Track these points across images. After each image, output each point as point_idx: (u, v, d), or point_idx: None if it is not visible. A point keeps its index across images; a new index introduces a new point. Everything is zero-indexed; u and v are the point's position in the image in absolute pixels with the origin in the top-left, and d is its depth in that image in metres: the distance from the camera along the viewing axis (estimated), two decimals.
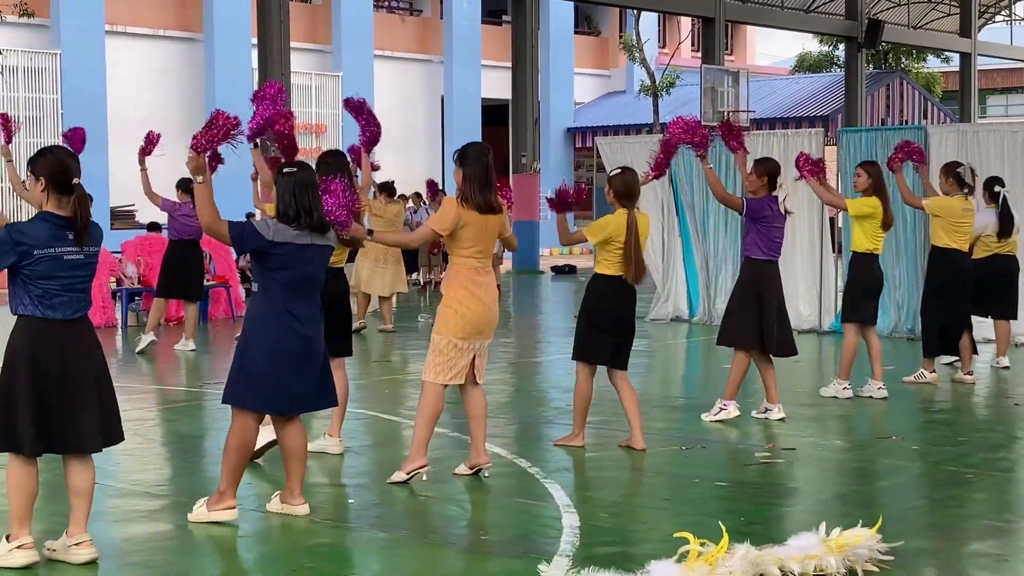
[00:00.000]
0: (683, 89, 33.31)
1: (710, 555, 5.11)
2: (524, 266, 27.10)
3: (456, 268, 7.03)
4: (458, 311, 6.98)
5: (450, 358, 7.00)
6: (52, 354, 5.36)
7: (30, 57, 27.02)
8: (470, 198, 6.95)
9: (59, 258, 5.36)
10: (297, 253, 6.12)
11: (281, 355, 6.12)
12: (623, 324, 7.94)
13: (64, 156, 5.51)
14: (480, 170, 6.98)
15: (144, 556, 5.75)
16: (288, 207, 6.14)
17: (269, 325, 6.12)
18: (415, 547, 5.93)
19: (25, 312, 5.38)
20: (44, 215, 5.43)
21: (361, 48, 32.29)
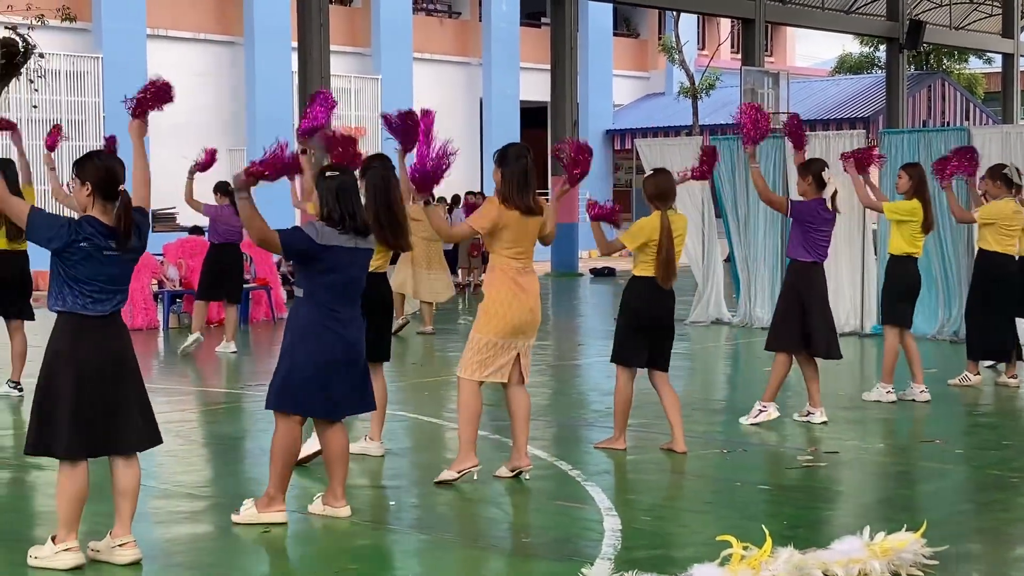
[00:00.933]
0: (722, 91, 33.21)
1: (753, 559, 5.08)
2: (563, 268, 27.08)
3: (497, 268, 7.04)
4: (498, 312, 6.99)
5: (488, 356, 7.01)
6: (93, 351, 5.39)
7: (72, 61, 27.24)
8: (510, 199, 6.95)
9: (98, 252, 5.40)
10: (344, 256, 6.15)
11: (325, 359, 6.14)
12: (662, 325, 7.92)
13: (111, 162, 5.55)
14: (519, 171, 6.98)
15: (187, 557, 5.78)
16: (332, 211, 6.17)
17: (313, 330, 6.14)
18: (456, 549, 5.93)
19: (64, 308, 5.41)
20: (88, 219, 5.47)
21: (400, 51, 32.36)
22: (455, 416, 9.12)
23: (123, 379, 5.47)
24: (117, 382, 5.44)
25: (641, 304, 7.85)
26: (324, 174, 6.29)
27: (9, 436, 9.16)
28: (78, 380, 5.35)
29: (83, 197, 5.49)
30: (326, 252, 6.10)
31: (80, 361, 5.37)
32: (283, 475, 6.22)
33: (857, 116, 33.62)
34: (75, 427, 5.36)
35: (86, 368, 5.37)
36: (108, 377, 5.41)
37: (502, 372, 7.06)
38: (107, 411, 5.41)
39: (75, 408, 5.35)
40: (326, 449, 6.35)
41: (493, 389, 7.25)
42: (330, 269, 6.12)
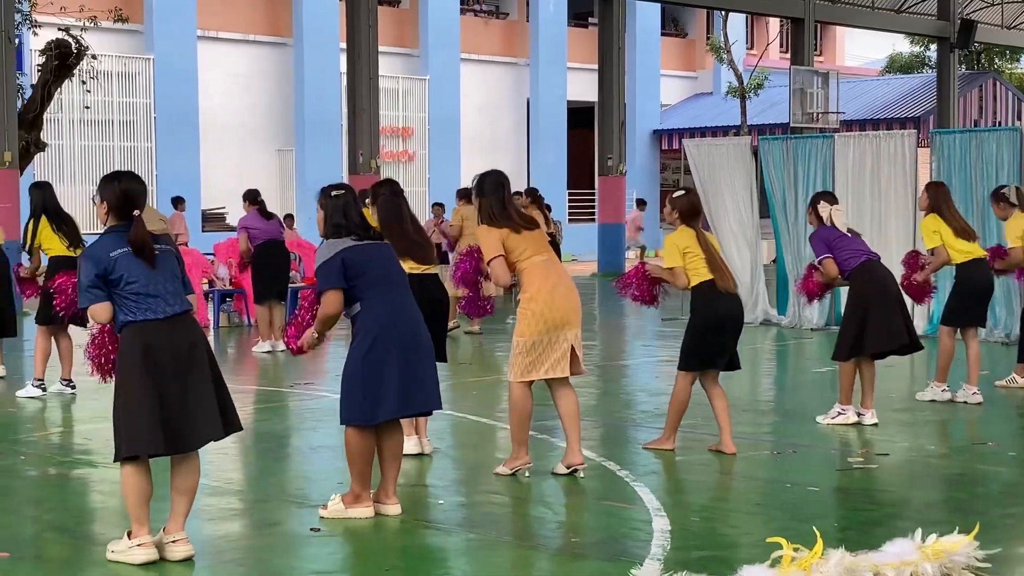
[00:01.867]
0: (771, 91, 33.05)
1: (804, 560, 5.05)
2: (609, 269, 27.02)
3: (527, 271, 7.12)
4: (536, 311, 7.03)
5: (537, 356, 7.04)
6: (165, 354, 5.46)
7: (124, 62, 27.49)
8: (495, 222, 7.13)
9: (131, 255, 5.47)
10: (363, 250, 6.27)
11: (394, 356, 6.20)
12: (736, 325, 7.91)
13: (131, 185, 5.64)
14: (496, 200, 7.16)
15: (238, 554, 5.83)
16: (340, 225, 6.31)
17: (375, 333, 6.23)
18: (505, 548, 5.94)
19: (126, 319, 5.48)
20: (109, 228, 5.62)
21: (448, 51, 32.44)
22: (504, 415, 9.15)
23: (194, 374, 5.52)
24: (188, 378, 5.50)
25: (715, 303, 7.81)
26: (331, 193, 6.41)
27: (61, 434, 9.27)
28: (149, 381, 5.42)
29: (101, 214, 5.66)
30: (350, 252, 6.21)
31: (148, 363, 5.43)
32: (363, 475, 6.29)
33: (907, 116, 33.36)
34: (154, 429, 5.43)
35: (153, 369, 5.43)
36: (178, 374, 5.47)
37: (559, 367, 7.09)
38: (180, 408, 5.47)
39: (153, 412, 5.42)
40: (381, 447, 6.39)
41: (540, 388, 7.26)
42: (361, 267, 6.22)
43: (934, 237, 9.80)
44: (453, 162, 32.11)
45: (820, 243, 8.93)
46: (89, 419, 9.32)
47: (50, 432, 9.24)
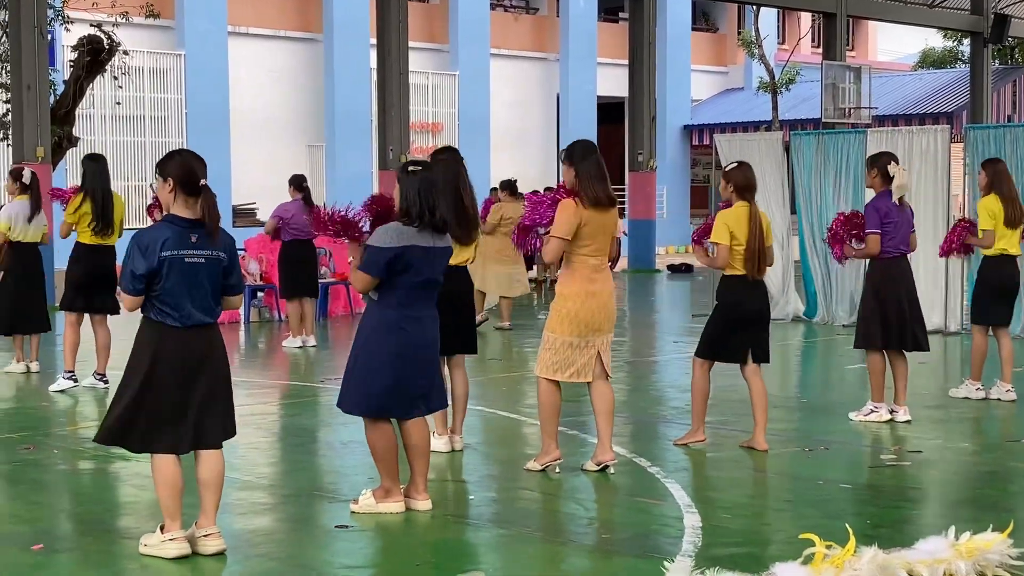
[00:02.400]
0: (803, 86, 32.89)
1: (836, 558, 5.02)
2: (640, 265, 26.98)
3: (573, 266, 7.03)
4: (571, 310, 6.98)
5: (566, 356, 7.02)
6: (175, 361, 5.48)
7: (155, 58, 27.61)
8: (587, 194, 6.93)
9: (178, 262, 5.46)
10: (421, 255, 6.16)
11: (402, 359, 6.17)
12: (760, 318, 7.87)
13: (191, 159, 5.62)
14: (593, 165, 6.98)
15: (269, 548, 5.84)
16: (412, 205, 6.17)
17: (388, 330, 6.17)
18: (536, 544, 5.93)
19: (153, 317, 5.51)
20: (168, 218, 5.55)
21: (478, 47, 32.43)
22: (534, 411, 9.14)
23: (206, 382, 5.54)
24: (199, 386, 5.52)
25: (739, 299, 7.78)
26: (407, 169, 6.28)
27: (93, 428, 9.31)
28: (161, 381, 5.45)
29: (165, 194, 5.56)
30: (409, 252, 6.12)
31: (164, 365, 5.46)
32: (390, 469, 6.29)
33: (940, 111, 33.12)
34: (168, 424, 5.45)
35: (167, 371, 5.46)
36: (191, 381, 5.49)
37: (584, 372, 7.06)
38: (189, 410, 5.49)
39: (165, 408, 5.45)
40: (408, 443, 6.38)
41: (572, 384, 7.24)
42: (406, 268, 6.13)
43: (989, 220, 9.61)
44: (483, 158, 32.10)
45: (875, 216, 8.77)
46: None
47: (82, 426, 9.29)
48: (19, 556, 5.64)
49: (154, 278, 5.44)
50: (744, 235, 7.67)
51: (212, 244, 5.54)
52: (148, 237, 5.48)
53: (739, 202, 7.75)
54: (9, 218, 11.15)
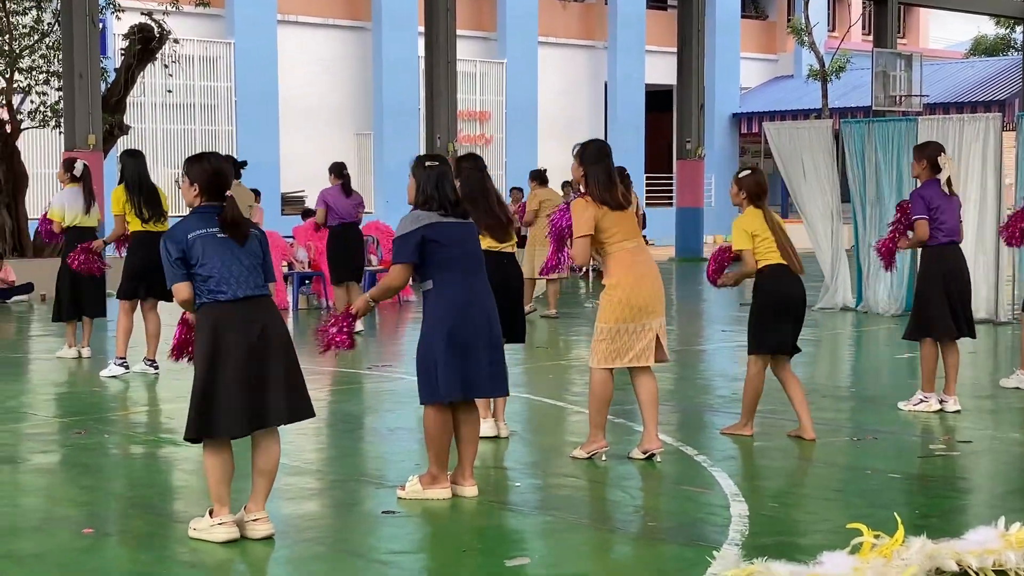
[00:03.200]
0: (853, 73, 32.64)
1: (885, 547, 4.99)
2: (687, 253, 26.91)
3: (614, 256, 7.06)
4: (622, 298, 7.00)
5: (623, 343, 7.03)
6: (236, 336, 5.49)
7: (205, 46, 27.79)
8: (596, 197, 7.01)
9: (210, 238, 5.49)
10: (447, 229, 6.24)
11: (463, 342, 6.22)
12: (800, 309, 7.83)
13: (221, 166, 5.66)
14: (602, 171, 7.06)
15: (317, 533, 5.88)
16: (431, 197, 6.27)
17: (448, 315, 6.22)
18: (582, 531, 5.93)
19: (203, 299, 5.53)
20: (195, 209, 5.64)
21: (526, 35, 32.41)
22: (579, 399, 9.15)
23: (266, 357, 5.56)
24: (260, 361, 5.53)
25: (779, 286, 7.74)
26: (424, 164, 6.37)
27: (144, 413, 9.41)
28: (222, 363, 5.48)
29: (191, 196, 5.63)
30: (432, 229, 6.19)
31: (221, 344, 5.48)
32: (441, 455, 6.32)
33: (992, 99, 32.77)
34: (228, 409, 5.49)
35: (225, 350, 5.48)
36: (251, 357, 5.51)
37: (644, 356, 7.07)
38: (252, 390, 5.51)
39: (227, 392, 5.48)
40: (459, 429, 6.41)
41: (620, 372, 7.23)
42: (441, 245, 6.20)
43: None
44: (530, 146, 32.11)
45: (921, 203, 8.72)
46: (172, 398, 9.45)
47: (133, 411, 9.38)
48: (70, 539, 5.71)
49: (191, 259, 5.47)
50: (766, 229, 7.66)
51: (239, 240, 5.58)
52: (175, 228, 5.59)
53: (749, 208, 7.75)
54: (61, 206, 11.29)
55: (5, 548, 5.58)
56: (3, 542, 5.68)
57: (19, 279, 17.90)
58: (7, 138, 19.96)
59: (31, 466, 7.41)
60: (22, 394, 10.03)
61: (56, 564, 5.36)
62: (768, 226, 7.70)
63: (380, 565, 5.37)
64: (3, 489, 6.80)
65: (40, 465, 7.46)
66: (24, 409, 9.28)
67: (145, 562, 5.40)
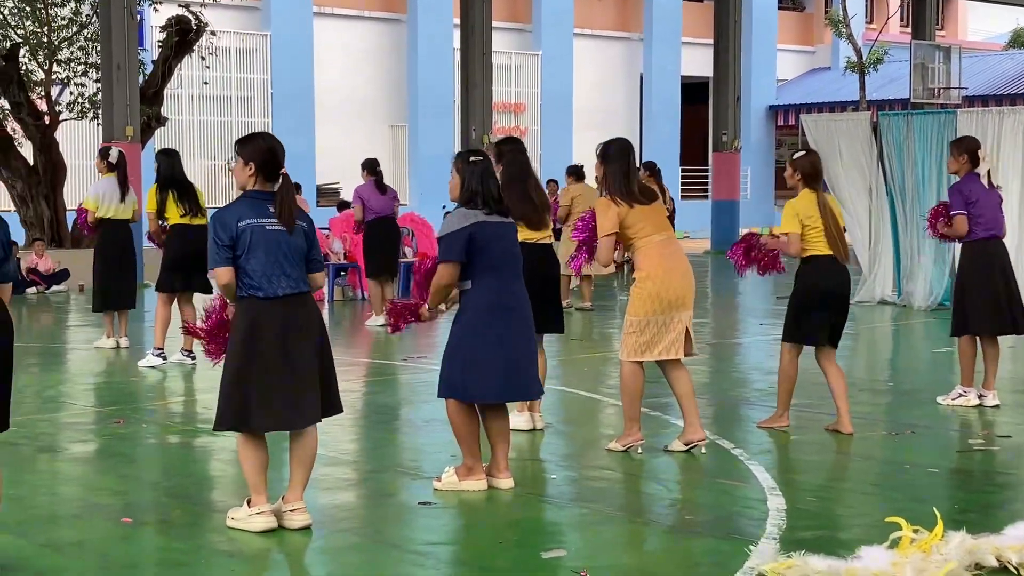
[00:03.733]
0: (891, 66, 32.40)
1: (924, 542, 4.96)
2: (722, 246, 26.75)
3: (643, 250, 7.04)
4: (651, 291, 6.98)
5: (652, 336, 7.01)
6: (270, 333, 5.50)
7: (242, 38, 27.89)
8: (616, 196, 7.01)
9: (259, 229, 5.48)
10: (492, 229, 6.23)
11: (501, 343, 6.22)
12: (839, 302, 7.78)
13: (274, 144, 5.65)
14: (621, 169, 7.06)
15: (353, 524, 5.90)
16: (476, 192, 6.25)
17: (488, 315, 6.22)
18: (618, 524, 5.92)
19: (242, 294, 5.54)
20: (246, 193, 5.59)
21: (561, 27, 32.35)
22: (613, 392, 9.13)
23: (303, 356, 5.56)
24: (297, 360, 5.54)
25: (818, 279, 7.69)
26: (468, 159, 6.34)
27: (181, 403, 9.46)
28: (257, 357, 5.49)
29: (245, 177, 5.59)
30: (479, 228, 6.17)
31: (259, 339, 5.49)
32: (472, 447, 6.32)
33: None
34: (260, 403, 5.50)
35: (262, 345, 5.49)
36: (288, 355, 5.52)
37: (673, 349, 7.05)
38: (286, 388, 5.52)
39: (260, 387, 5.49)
40: (489, 428, 6.40)
41: (652, 365, 7.21)
42: (485, 245, 6.18)
43: None
44: (565, 138, 32.06)
45: (959, 198, 8.62)
46: (209, 389, 9.48)
47: (171, 401, 9.44)
48: (110, 528, 5.75)
49: (237, 248, 5.47)
50: (819, 218, 7.58)
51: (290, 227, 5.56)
52: (226, 211, 5.55)
53: (804, 190, 7.68)
54: (97, 196, 11.35)
55: (45, 536, 5.63)
56: (43, 530, 5.72)
57: (57, 269, 18.04)
58: (45, 129, 20.09)
59: (69, 455, 7.47)
60: (61, 383, 10.11)
61: (95, 552, 5.40)
62: (820, 212, 7.62)
63: (416, 556, 5.37)
64: (42, 478, 6.86)
65: (78, 454, 7.51)
66: (63, 399, 9.35)
67: (183, 551, 5.42)
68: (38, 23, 20.11)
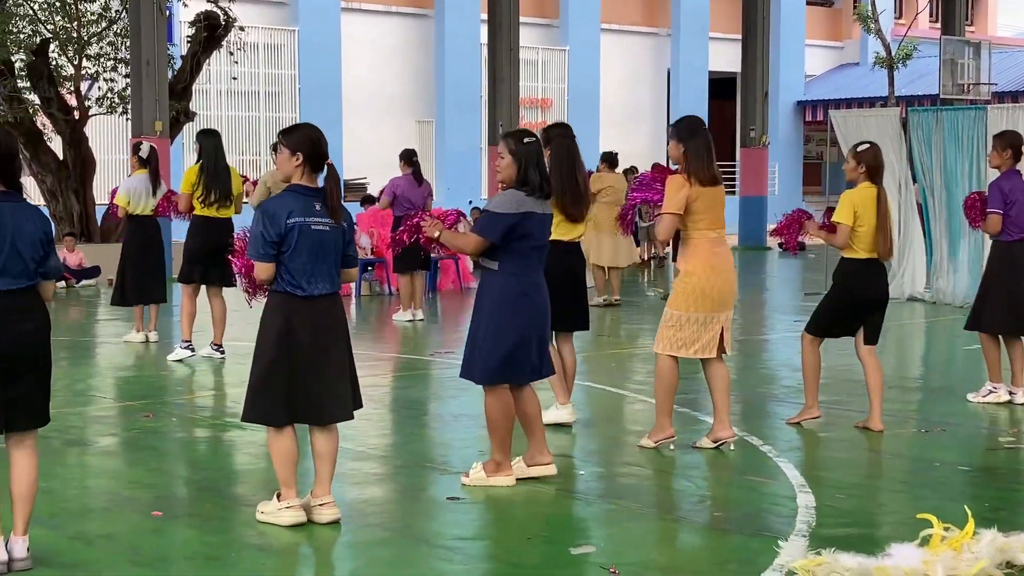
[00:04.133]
0: (920, 61, 32.20)
1: (954, 540, 4.94)
2: (750, 242, 26.73)
3: (693, 243, 6.97)
4: (697, 287, 6.93)
5: (691, 333, 6.97)
6: (305, 330, 5.52)
7: (270, 34, 27.94)
8: (696, 173, 6.89)
9: (306, 228, 5.50)
10: (538, 222, 6.21)
11: (527, 326, 6.21)
12: (877, 305, 7.74)
13: (320, 134, 5.67)
14: (703, 144, 6.93)
15: (382, 518, 5.91)
16: (531, 175, 6.19)
17: (514, 298, 6.19)
18: (646, 520, 5.91)
19: (279, 288, 5.55)
20: (292, 187, 5.59)
21: (588, 22, 32.28)
22: (641, 387, 9.13)
23: (334, 354, 5.59)
24: (328, 358, 5.57)
25: (854, 286, 7.63)
26: (523, 139, 6.27)
27: (210, 397, 9.50)
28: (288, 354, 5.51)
29: (291, 167, 5.59)
30: (528, 219, 6.16)
31: (292, 336, 5.51)
32: (504, 440, 6.32)
33: None
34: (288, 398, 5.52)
35: (295, 342, 5.51)
36: (319, 353, 5.54)
37: (709, 348, 7.02)
38: (317, 384, 5.55)
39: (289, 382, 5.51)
40: (526, 412, 6.40)
41: (684, 362, 7.19)
42: (525, 235, 6.16)
43: None
44: (592, 133, 31.97)
45: (998, 196, 8.53)
46: (238, 383, 9.50)
47: (200, 395, 9.47)
48: (140, 521, 5.77)
49: (283, 244, 5.48)
50: (871, 217, 7.51)
51: (337, 218, 5.59)
52: (274, 205, 5.53)
53: (865, 183, 7.60)
54: (128, 192, 11.40)
55: (75, 529, 5.66)
56: (73, 523, 5.76)
57: (87, 263, 18.14)
58: (75, 124, 20.19)
59: (99, 448, 7.51)
60: (90, 377, 10.16)
61: (126, 545, 5.43)
62: (877, 208, 7.54)
63: (445, 551, 5.38)
64: (72, 471, 6.90)
65: (108, 448, 7.55)
66: (92, 392, 9.40)
67: (214, 545, 5.44)
68: (68, 18, 20.20)
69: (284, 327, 5.51)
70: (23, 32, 19.65)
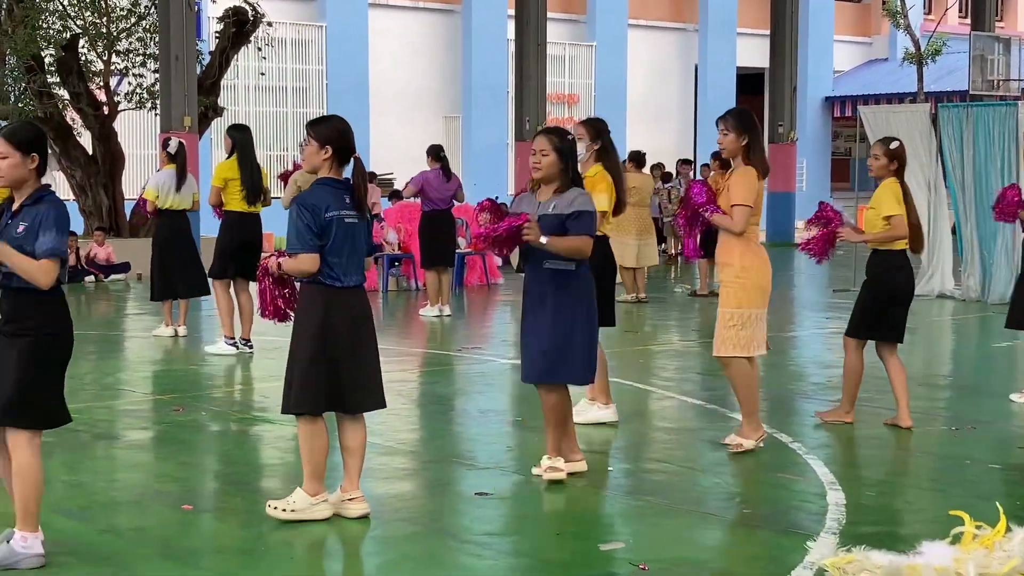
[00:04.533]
0: (949, 57, 32.01)
1: (986, 538, 4.89)
2: (778, 238, 26.64)
3: (747, 237, 6.88)
4: (756, 283, 6.89)
5: (751, 331, 6.92)
6: (343, 321, 5.54)
7: (298, 30, 28.00)
8: (761, 165, 6.89)
9: (341, 221, 5.51)
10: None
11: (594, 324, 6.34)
12: (910, 297, 7.72)
13: (347, 126, 5.69)
14: (760, 136, 6.97)
15: (410, 513, 5.91)
16: (576, 174, 6.28)
17: (594, 297, 6.32)
18: (674, 516, 5.90)
19: (316, 281, 5.55)
20: (323, 180, 5.60)
21: (615, 17, 32.22)
22: (669, 384, 9.12)
23: (368, 344, 5.62)
24: (363, 347, 5.60)
25: (889, 277, 7.60)
26: (565, 136, 6.30)
27: (239, 391, 9.53)
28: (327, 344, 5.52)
29: (319, 159, 5.59)
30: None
31: (330, 327, 5.52)
32: (557, 436, 6.33)
33: None
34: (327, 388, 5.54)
35: (333, 333, 5.52)
36: (355, 343, 5.57)
37: (764, 344, 7.01)
38: (354, 374, 5.57)
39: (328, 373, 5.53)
40: (565, 408, 6.39)
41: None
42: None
43: None
44: (619, 129, 31.89)
45: None
46: (267, 377, 9.55)
47: (229, 389, 9.50)
48: (170, 515, 5.80)
49: (323, 237, 5.48)
50: (903, 206, 7.54)
51: (364, 210, 5.64)
52: (312, 198, 5.53)
53: (891, 179, 7.59)
54: (156, 187, 11.44)
55: (106, 522, 5.69)
56: (103, 516, 5.79)
57: (116, 258, 18.22)
58: (104, 119, 20.28)
59: (128, 442, 7.54)
60: (119, 371, 10.21)
61: (157, 539, 5.44)
62: (907, 203, 7.55)
63: (474, 546, 5.38)
64: (102, 464, 6.93)
65: (137, 441, 7.58)
66: (121, 386, 9.44)
67: (244, 539, 5.46)
68: (97, 14, 20.28)
69: (324, 319, 5.52)
70: (53, 28, 19.73)
